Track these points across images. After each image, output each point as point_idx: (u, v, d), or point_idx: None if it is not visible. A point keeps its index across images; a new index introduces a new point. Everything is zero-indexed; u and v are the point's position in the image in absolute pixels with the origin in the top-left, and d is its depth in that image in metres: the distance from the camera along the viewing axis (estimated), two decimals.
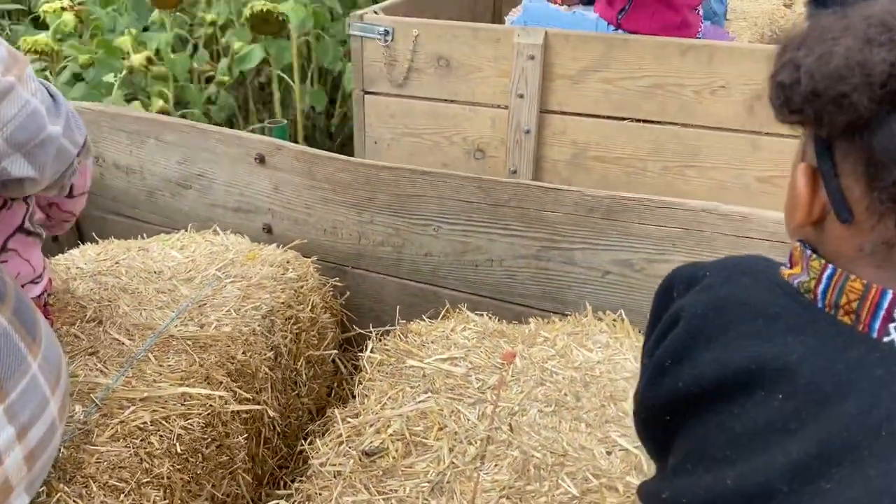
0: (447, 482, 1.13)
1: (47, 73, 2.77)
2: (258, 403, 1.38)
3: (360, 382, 1.40)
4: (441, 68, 2.33)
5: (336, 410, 1.30)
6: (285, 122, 2.96)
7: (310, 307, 1.60)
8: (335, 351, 1.71)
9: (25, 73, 1.02)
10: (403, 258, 1.74)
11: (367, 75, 2.43)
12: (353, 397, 1.38)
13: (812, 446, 0.52)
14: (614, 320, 1.51)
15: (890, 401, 0.51)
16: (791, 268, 0.62)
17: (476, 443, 1.18)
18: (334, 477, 1.18)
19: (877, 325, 0.54)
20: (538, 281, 1.64)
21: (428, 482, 1.13)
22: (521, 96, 2.25)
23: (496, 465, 1.14)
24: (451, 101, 2.38)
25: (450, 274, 1.71)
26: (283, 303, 1.52)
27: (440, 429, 1.20)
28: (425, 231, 1.69)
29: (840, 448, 0.51)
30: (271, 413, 1.42)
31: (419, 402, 1.28)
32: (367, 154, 2.59)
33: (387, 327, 1.59)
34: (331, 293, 1.73)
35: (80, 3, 2.85)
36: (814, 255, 0.59)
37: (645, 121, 2.18)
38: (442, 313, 1.55)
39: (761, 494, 0.54)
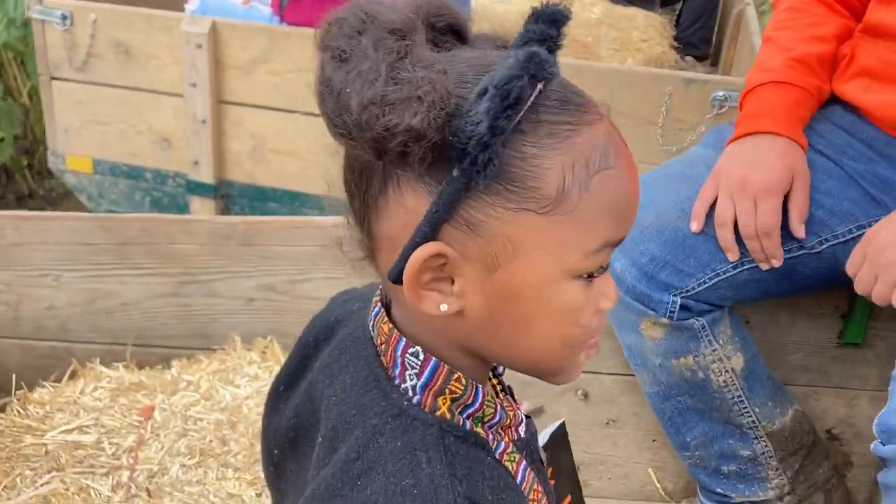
0: None
1: None
2: None
3: None
4: (121, 55, 2.28)
5: None
6: None
7: None
8: None
9: None
10: (22, 316, 1.52)
11: (51, 60, 2.31)
12: None
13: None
14: (265, 348, 1.46)
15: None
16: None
17: None
18: None
19: None
20: (182, 318, 1.53)
21: None
22: (194, 85, 2.23)
23: None
24: (134, 89, 2.31)
25: (80, 326, 1.53)
26: None
27: None
28: (42, 283, 1.49)
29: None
30: None
31: (41, 485, 1.12)
32: (58, 143, 2.43)
33: (2, 400, 1.38)
34: None
35: None
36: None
37: (315, 114, 2.16)
38: (68, 373, 1.39)
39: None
